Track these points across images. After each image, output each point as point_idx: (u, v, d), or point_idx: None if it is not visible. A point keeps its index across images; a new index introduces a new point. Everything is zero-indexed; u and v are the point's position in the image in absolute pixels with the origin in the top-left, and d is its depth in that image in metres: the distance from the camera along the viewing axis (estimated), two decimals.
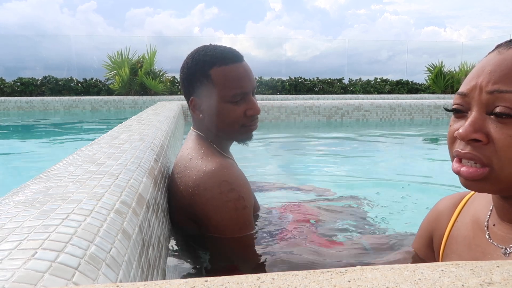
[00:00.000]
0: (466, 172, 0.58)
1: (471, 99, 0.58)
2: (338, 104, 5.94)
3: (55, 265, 0.39)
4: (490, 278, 0.29)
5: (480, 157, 0.56)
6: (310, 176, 2.57)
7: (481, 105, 0.57)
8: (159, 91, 9.54)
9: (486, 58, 0.60)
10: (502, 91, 0.54)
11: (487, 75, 0.56)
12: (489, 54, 0.60)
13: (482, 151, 0.56)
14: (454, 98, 0.63)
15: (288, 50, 15.43)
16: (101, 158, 0.88)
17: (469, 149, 0.57)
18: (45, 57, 13.68)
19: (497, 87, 0.55)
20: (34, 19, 29.28)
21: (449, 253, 0.74)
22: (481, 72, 0.58)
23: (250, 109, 1.08)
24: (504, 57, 0.56)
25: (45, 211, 0.52)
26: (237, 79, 1.06)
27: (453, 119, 0.63)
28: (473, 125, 0.57)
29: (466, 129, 0.57)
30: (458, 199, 0.79)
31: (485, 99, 0.56)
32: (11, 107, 8.49)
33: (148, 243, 0.69)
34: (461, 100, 0.60)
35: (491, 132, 0.56)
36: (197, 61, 1.08)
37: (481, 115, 0.57)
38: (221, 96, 1.05)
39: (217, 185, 0.96)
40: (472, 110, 0.58)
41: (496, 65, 0.56)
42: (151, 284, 0.31)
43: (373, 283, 0.29)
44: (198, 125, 1.15)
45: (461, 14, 48.38)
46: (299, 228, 1.16)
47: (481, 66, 0.59)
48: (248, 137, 1.13)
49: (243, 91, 1.06)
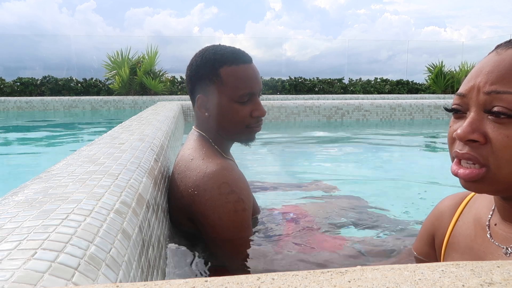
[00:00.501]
0: (463, 174, 0.58)
1: (469, 99, 0.59)
2: (338, 104, 5.94)
3: (54, 265, 0.39)
4: (490, 278, 0.29)
5: (478, 157, 0.57)
6: (310, 176, 2.57)
7: (479, 105, 0.57)
8: (159, 91, 9.54)
9: (485, 59, 0.60)
10: (499, 92, 0.55)
11: (484, 76, 0.57)
12: (488, 55, 0.60)
13: (479, 152, 0.57)
14: (453, 98, 0.64)
15: (287, 50, 15.45)
16: (101, 158, 0.88)
17: (467, 149, 0.58)
18: (45, 57, 13.69)
19: (494, 88, 0.55)
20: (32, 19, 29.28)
21: (451, 252, 0.75)
22: (479, 73, 0.58)
23: (256, 110, 1.09)
24: (502, 58, 0.56)
25: (44, 211, 0.52)
26: (246, 79, 1.07)
27: (453, 120, 0.63)
28: (470, 126, 0.57)
29: (464, 129, 0.57)
30: (460, 198, 0.79)
31: (483, 99, 0.56)
32: (11, 107, 8.49)
33: (148, 243, 0.69)
34: (460, 101, 0.61)
35: (489, 132, 0.56)
36: (207, 59, 1.08)
37: (479, 115, 0.57)
38: (229, 95, 1.06)
39: (217, 186, 0.96)
40: (471, 111, 0.58)
41: (494, 66, 0.56)
42: (151, 284, 0.31)
43: (373, 283, 0.29)
44: (201, 125, 1.14)
45: (461, 14, 48.38)
46: (297, 231, 1.16)
47: (480, 67, 0.59)
48: (251, 138, 1.14)
49: (250, 92, 1.07)
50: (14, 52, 13.75)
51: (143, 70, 9.32)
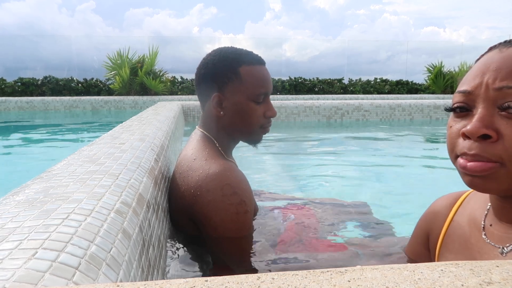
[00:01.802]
0: (474, 166, 0.56)
1: (476, 96, 0.57)
2: (338, 104, 5.94)
3: (55, 265, 0.39)
4: (489, 278, 0.30)
5: (489, 157, 0.55)
6: (310, 176, 2.57)
7: (488, 102, 0.56)
8: (159, 91, 9.54)
9: (488, 56, 0.59)
10: (510, 87, 0.54)
11: (493, 72, 0.56)
12: (489, 53, 0.60)
13: (491, 150, 0.55)
14: (453, 97, 0.62)
15: (287, 50, 15.43)
16: (101, 158, 0.88)
17: (478, 149, 0.55)
18: (46, 57, 13.70)
19: (505, 83, 0.54)
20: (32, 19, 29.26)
21: (445, 252, 0.74)
22: (486, 69, 0.57)
23: (269, 111, 1.12)
24: (508, 55, 0.56)
25: (45, 211, 0.52)
26: (263, 79, 1.10)
27: (453, 120, 0.61)
28: (482, 121, 0.55)
29: (475, 125, 0.55)
30: (454, 198, 0.79)
31: (493, 95, 0.55)
32: (12, 107, 8.49)
33: (149, 243, 0.70)
34: (464, 98, 0.59)
35: (501, 128, 0.54)
36: (226, 58, 1.09)
37: (489, 111, 0.56)
38: (247, 94, 1.08)
39: (220, 188, 0.96)
40: (478, 108, 0.57)
41: (502, 62, 0.56)
42: (151, 284, 0.31)
43: (373, 283, 0.29)
44: (208, 124, 1.14)
45: (460, 15, 48.36)
46: (297, 232, 1.16)
47: (484, 64, 0.58)
48: (260, 139, 1.17)
49: (266, 92, 1.10)
50: (15, 52, 13.77)
51: (145, 70, 9.33)
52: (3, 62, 12.80)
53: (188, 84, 10.95)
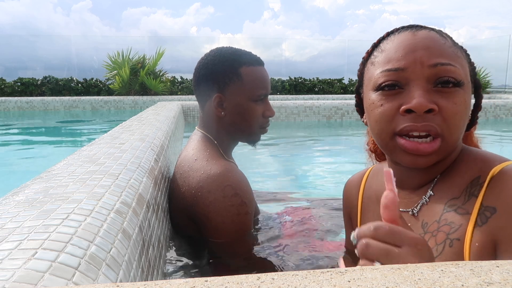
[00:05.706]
0: (428, 147, 0.58)
1: (410, 73, 0.59)
2: (338, 104, 5.94)
3: (55, 265, 0.39)
4: (489, 278, 0.29)
5: (436, 127, 0.57)
6: (310, 176, 2.57)
7: (423, 78, 0.59)
8: (159, 91, 9.54)
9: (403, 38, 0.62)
10: (444, 64, 0.58)
11: (424, 50, 0.59)
12: (399, 35, 0.63)
13: (434, 121, 0.57)
14: (379, 76, 0.62)
15: (286, 50, 15.41)
16: (101, 158, 0.88)
17: (425, 121, 0.58)
18: (46, 57, 13.70)
19: (439, 60, 0.58)
20: (27, 18, 29.27)
21: None
22: (414, 48, 0.60)
23: (268, 111, 1.14)
24: (429, 35, 0.60)
25: (45, 211, 0.52)
26: (263, 80, 1.11)
27: (383, 98, 0.61)
28: (425, 96, 0.57)
29: (421, 100, 0.57)
30: (360, 177, 0.82)
31: (428, 72, 0.58)
32: (12, 107, 8.49)
33: (148, 243, 0.70)
34: (396, 76, 0.60)
35: (439, 101, 0.57)
36: (226, 59, 1.09)
37: (426, 87, 0.58)
38: (248, 94, 1.09)
39: (221, 189, 0.96)
40: (412, 85, 0.59)
41: (428, 41, 0.60)
42: (151, 284, 0.31)
43: (373, 283, 0.29)
44: (208, 125, 1.14)
45: (460, 15, 48.47)
46: (297, 233, 1.16)
47: (407, 44, 0.60)
48: (259, 139, 1.18)
49: (266, 92, 1.12)
50: (12, 52, 13.77)
51: (146, 71, 9.33)
52: (3, 62, 12.82)
53: (188, 84, 10.94)
